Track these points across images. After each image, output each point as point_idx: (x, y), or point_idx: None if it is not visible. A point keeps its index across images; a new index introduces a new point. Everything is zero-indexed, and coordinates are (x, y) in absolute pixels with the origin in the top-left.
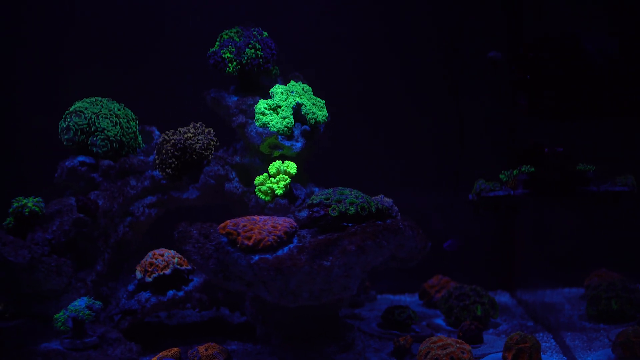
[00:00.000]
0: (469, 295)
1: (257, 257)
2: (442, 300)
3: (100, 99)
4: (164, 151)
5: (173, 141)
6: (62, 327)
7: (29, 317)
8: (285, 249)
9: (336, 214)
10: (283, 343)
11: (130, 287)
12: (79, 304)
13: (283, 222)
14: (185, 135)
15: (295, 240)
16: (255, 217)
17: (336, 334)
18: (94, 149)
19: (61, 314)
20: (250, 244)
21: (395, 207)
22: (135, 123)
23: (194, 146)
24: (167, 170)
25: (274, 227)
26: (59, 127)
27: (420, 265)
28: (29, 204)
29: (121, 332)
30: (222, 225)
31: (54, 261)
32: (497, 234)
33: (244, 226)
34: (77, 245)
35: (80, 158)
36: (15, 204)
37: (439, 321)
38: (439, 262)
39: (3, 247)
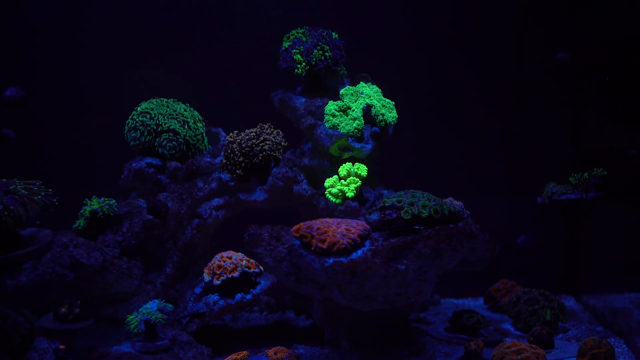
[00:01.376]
0: (537, 300)
1: (331, 260)
2: (509, 305)
3: (166, 99)
4: (231, 152)
5: (239, 141)
6: (135, 330)
7: (95, 320)
8: (359, 252)
9: (409, 216)
10: (353, 347)
11: (197, 290)
12: (151, 306)
13: (356, 225)
14: (252, 136)
15: (367, 243)
16: (328, 219)
17: (406, 338)
18: (161, 150)
19: (133, 316)
20: (324, 246)
21: (467, 211)
22: (202, 124)
23: (262, 147)
24: (236, 171)
25: (347, 229)
26: (126, 127)
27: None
28: (102, 206)
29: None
30: (295, 227)
31: (125, 263)
32: (561, 238)
33: (318, 229)
34: (146, 248)
35: (148, 159)
36: (87, 206)
37: (507, 326)
38: (500, 266)
39: (75, 249)
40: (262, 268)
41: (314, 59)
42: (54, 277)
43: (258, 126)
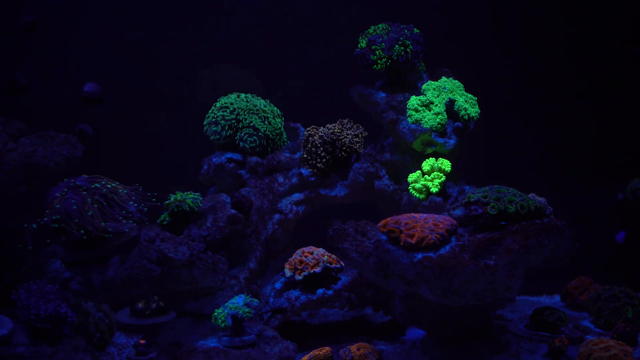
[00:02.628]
0: (619, 297)
1: (420, 256)
2: (590, 302)
3: (244, 94)
4: (311, 147)
5: (320, 135)
6: (222, 325)
7: (178, 314)
8: (447, 247)
9: (495, 212)
10: (435, 344)
11: (278, 285)
12: (237, 301)
13: (444, 220)
14: (333, 131)
15: (453, 239)
16: (415, 214)
17: (488, 335)
18: (242, 144)
19: (220, 311)
20: (413, 241)
21: (549, 207)
22: (281, 119)
23: (343, 141)
24: (317, 166)
25: (435, 225)
26: (205, 120)
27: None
28: (188, 200)
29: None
30: (382, 222)
31: (210, 258)
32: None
33: (406, 224)
34: (230, 242)
35: (228, 154)
36: (173, 200)
37: (586, 323)
38: (573, 263)
39: (162, 243)
40: (342, 263)
41: (395, 53)
42: (142, 272)
43: (338, 121)
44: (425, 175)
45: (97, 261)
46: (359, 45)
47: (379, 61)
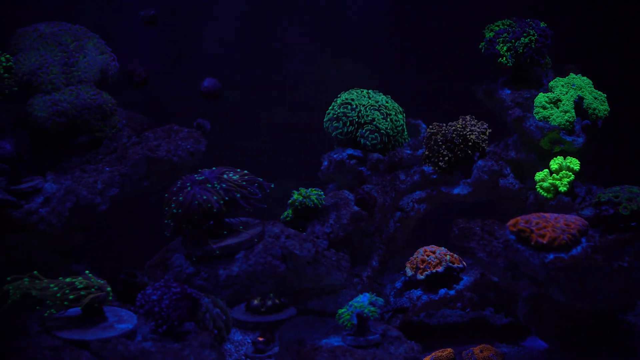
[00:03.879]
0: None
1: (551, 256)
2: None
3: (366, 90)
4: (434, 144)
5: (443, 133)
6: (348, 324)
7: (299, 312)
8: (579, 248)
9: (627, 212)
10: (561, 348)
11: (398, 285)
12: (362, 300)
13: (575, 220)
14: (457, 127)
15: (584, 239)
16: (545, 214)
17: (615, 339)
18: (363, 141)
19: (345, 309)
20: (544, 241)
21: None
22: (403, 116)
23: (467, 139)
24: (439, 163)
25: (566, 225)
26: (326, 117)
27: None
28: (312, 197)
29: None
30: (511, 222)
31: (334, 255)
32: None
33: (537, 224)
34: (352, 240)
35: (349, 151)
36: (297, 196)
37: None
38: None
39: (287, 239)
40: (464, 263)
41: (520, 47)
42: (267, 268)
43: (461, 118)
44: (553, 174)
45: (221, 257)
46: (484, 39)
47: (504, 54)
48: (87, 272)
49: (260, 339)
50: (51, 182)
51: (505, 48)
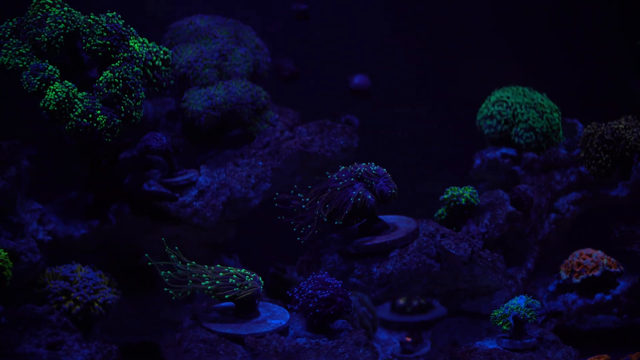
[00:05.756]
0: None
1: None
2: None
3: (521, 88)
4: (590, 145)
5: (600, 133)
6: (504, 327)
7: (451, 313)
8: None
9: None
10: None
11: (551, 288)
12: (519, 302)
13: None
14: (616, 128)
15: None
16: None
17: None
18: (517, 140)
19: (500, 311)
20: None
21: None
22: (558, 114)
23: (627, 138)
24: (596, 164)
25: None
26: (479, 115)
27: None
28: (467, 195)
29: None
30: None
31: (489, 256)
32: None
33: None
34: (506, 241)
35: (503, 150)
36: (450, 194)
37: None
38: None
39: (442, 239)
40: (622, 268)
41: None
42: (421, 267)
43: (623, 118)
44: None
45: (375, 255)
46: None
47: None
48: (243, 270)
49: (408, 339)
50: (205, 175)
51: None
